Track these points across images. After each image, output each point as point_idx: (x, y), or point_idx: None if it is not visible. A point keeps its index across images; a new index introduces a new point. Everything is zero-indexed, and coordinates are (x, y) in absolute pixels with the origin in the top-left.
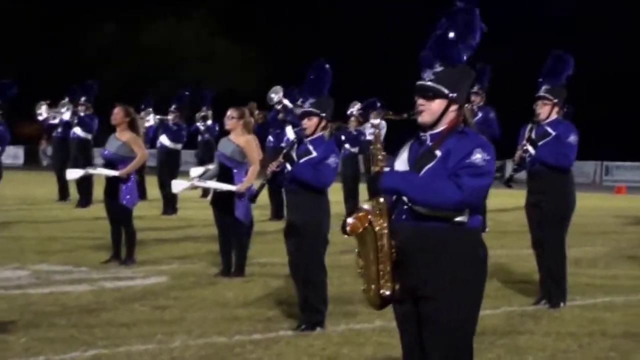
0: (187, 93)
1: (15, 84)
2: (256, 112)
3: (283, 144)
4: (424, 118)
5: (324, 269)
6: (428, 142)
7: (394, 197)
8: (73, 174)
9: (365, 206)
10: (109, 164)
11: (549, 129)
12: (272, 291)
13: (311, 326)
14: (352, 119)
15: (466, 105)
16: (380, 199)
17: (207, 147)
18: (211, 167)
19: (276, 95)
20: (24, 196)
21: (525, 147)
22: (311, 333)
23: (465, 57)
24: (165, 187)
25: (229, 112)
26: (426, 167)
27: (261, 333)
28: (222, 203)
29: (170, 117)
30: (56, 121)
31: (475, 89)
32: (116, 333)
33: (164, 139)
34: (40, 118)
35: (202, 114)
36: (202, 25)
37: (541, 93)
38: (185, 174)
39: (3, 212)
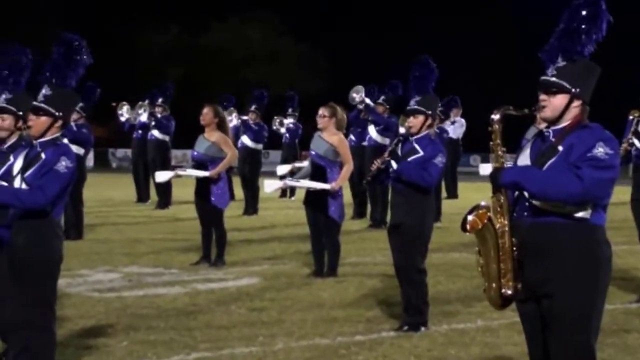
0: (265, 93)
1: (97, 87)
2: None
3: (365, 143)
4: (546, 114)
5: (425, 270)
6: (551, 137)
7: (516, 194)
8: (162, 176)
9: (485, 203)
10: (199, 164)
11: None
12: (368, 291)
13: (414, 327)
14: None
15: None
16: (500, 196)
17: (290, 147)
18: (298, 165)
19: (358, 94)
20: (103, 198)
21: (631, 141)
22: (414, 334)
23: (589, 51)
24: (247, 187)
25: (321, 111)
26: (549, 162)
27: (363, 334)
28: (315, 202)
29: (250, 117)
30: (135, 123)
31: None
32: (216, 335)
33: (245, 139)
34: (122, 119)
35: (278, 119)
36: (266, 25)
37: None
38: (267, 174)
39: (86, 215)
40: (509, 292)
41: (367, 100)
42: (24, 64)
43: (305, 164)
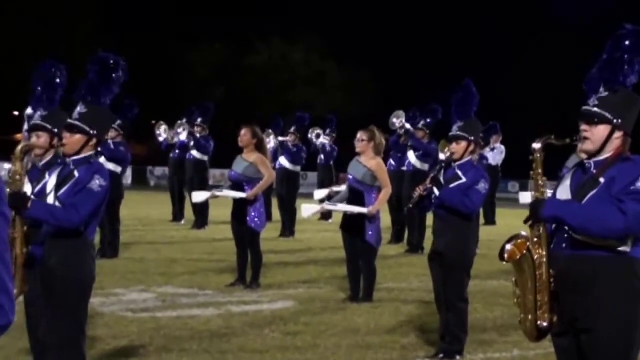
0: (306, 115)
1: (136, 105)
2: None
3: (404, 168)
4: (588, 145)
5: (467, 298)
6: (592, 169)
7: (554, 225)
8: (200, 196)
9: (524, 233)
10: (236, 185)
11: None
12: (403, 317)
13: (450, 354)
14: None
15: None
16: (539, 226)
17: (325, 169)
18: (336, 189)
19: (398, 119)
20: (140, 217)
21: None
22: None
23: (631, 82)
24: (284, 209)
25: (359, 135)
26: (589, 195)
27: None
28: (352, 227)
29: (289, 138)
30: (174, 142)
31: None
32: (250, 359)
33: (283, 161)
34: (160, 139)
35: (316, 131)
36: (311, 47)
37: None
38: (305, 196)
39: (123, 233)
40: (545, 324)
41: (407, 126)
42: (58, 80)
43: (343, 188)
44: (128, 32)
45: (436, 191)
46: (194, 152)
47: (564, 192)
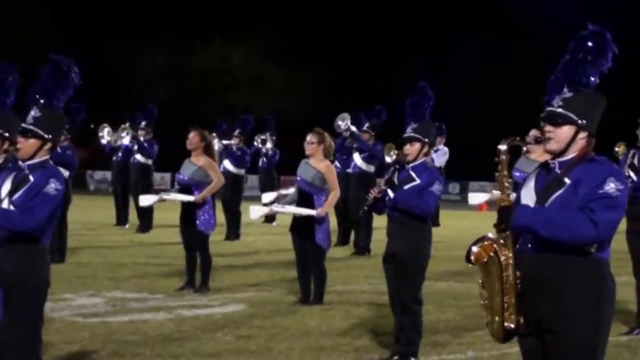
0: (250, 118)
1: (83, 109)
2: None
3: (350, 170)
4: (552, 145)
5: (421, 300)
6: (556, 169)
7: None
8: (147, 200)
9: (490, 235)
10: (184, 188)
11: None
12: (355, 320)
13: (405, 356)
14: None
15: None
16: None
17: (267, 173)
18: (284, 192)
19: (343, 122)
20: (83, 221)
21: (627, 174)
22: None
23: (594, 82)
24: (229, 212)
25: (309, 137)
26: (554, 195)
27: None
28: (302, 229)
29: (234, 142)
30: (117, 145)
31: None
32: None
33: (227, 164)
34: (103, 141)
35: (262, 137)
36: (251, 49)
37: None
38: (249, 199)
39: (68, 238)
40: (512, 325)
41: (353, 128)
42: (10, 83)
43: (291, 191)
44: (70, 34)
45: (390, 193)
46: (138, 156)
47: (528, 193)
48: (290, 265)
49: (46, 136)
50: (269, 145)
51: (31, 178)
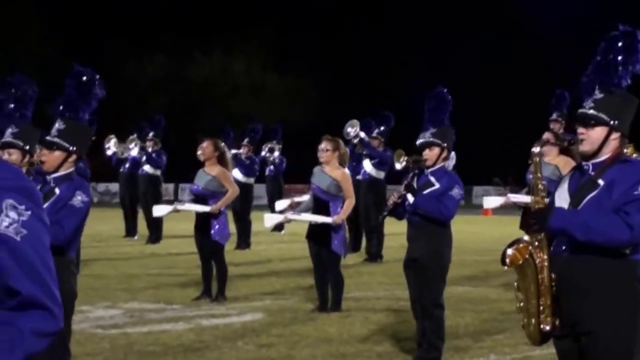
0: (259, 127)
1: (95, 121)
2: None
3: (359, 177)
4: (585, 147)
5: (443, 304)
6: (590, 171)
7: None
8: (161, 210)
9: (526, 237)
10: (199, 199)
11: None
12: (375, 326)
13: None
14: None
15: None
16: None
17: (274, 181)
18: (297, 199)
19: (353, 128)
20: (92, 233)
21: None
22: None
23: (626, 83)
24: (239, 221)
25: (324, 145)
26: (588, 197)
27: None
28: (318, 236)
29: (242, 151)
30: (124, 157)
31: (554, 115)
32: None
33: (236, 173)
34: (109, 153)
35: (269, 145)
36: (252, 58)
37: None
38: (257, 208)
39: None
40: (548, 327)
41: (362, 134)
42: (29, 96)
43: (305, 198)
44: (68, 44)
45: (410, 198)
46: (147, 167)
47: (562, 194)
48: (304, 273)
49: (71, 148)
50: (276, 153)
51: (57, 191)
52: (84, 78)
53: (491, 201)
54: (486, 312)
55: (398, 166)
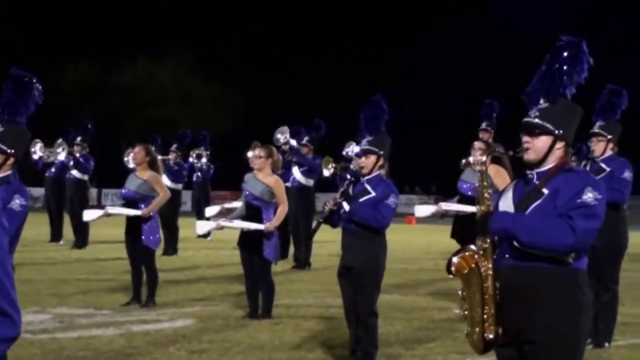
0: (188, 133)
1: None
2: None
3: (288, 184)
4: (530, 155)
5: (376, 312)
6: (535, 180)
7: (497, 236)
8: (91, 214)
9: (472, 246)
10: (129, 203)
11: (603, 165)
12: (306, 333)
13: None
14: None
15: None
16: (485, 238)
17: (202, 187)
18: (227, 205)
19: (282, 135)
20: None
21: None
22: None
23: (571, 92)
24: (166, 227)
25: (257, 151)
26: (533, 205)
27: None
28: (250, 243)
29: (171, 157)
30: (50, 161)
31: (484, 125)
32: None
33: (164, 179)
34: (35, 157)
35: (197, 152)
36: (177, 65)
37: (595, 129)
38: (185, 214)
39: None
40: (491, 336)
41: (292, 142)
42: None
43: (235, 204)
44: None
45: (345, 206)
46: (74, 172)
47: (506, 203)
48: (233, 280)
49: (9, 151)
50: (204, 160)
51: None
52: (22, 80)
53: (422, 210)
54: (417, 320)
55: (326, 173)
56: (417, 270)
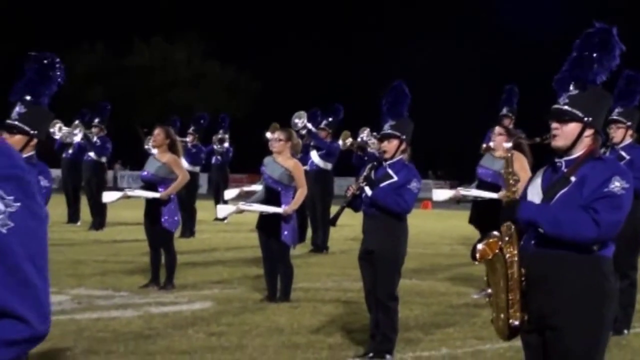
0: (205, 115)
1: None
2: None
3: (307, 168)
4: (558, 142)
5: (397, 296)
6: (563, 168)
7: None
8: (110, 196)
9: (495, 232)
10: (148, 185)
11: (623, 153)
12: (324, 317)
13: (380, 354)
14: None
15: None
16: (511, 225)
17: (221, 170)
18: (246, 189)
19: (300, 120)
20: None
21: None
22: None
23: (601, 80)
24: (184, 210)
25: (277, 134)
26: (560, 193)
27: None
28: (268, 227)
29: (188, 139)
30: (68, 142)
31: (504, 111)
32: None
33: (183, 162)
34: (56, 137)
35: (219, 136)
36: (192, 47)
37: (615, 116)
38: (202, 197)
39: None
40: (517, 322)
41: (309, 126)
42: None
43: (254, 187)
44: (4, 31)
45: (367, 190)
46: (91, 154)
47: (535, 190)
48: (250, 262)
49: (32, 132)
50: (226, 144)
51: None
52: (45, 62)
53: (440, 194)
54: (435, 305)
55: (341, 145)
56: (434, 255)
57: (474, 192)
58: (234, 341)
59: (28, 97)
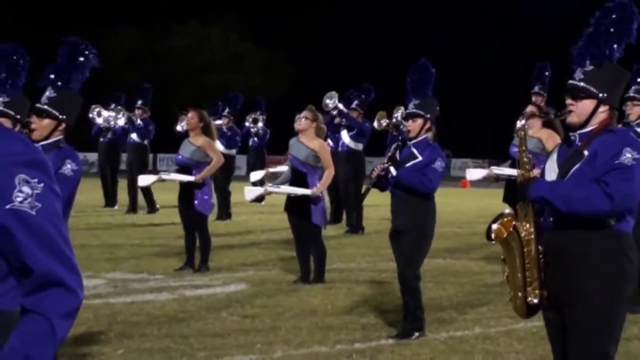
0: (240, 97)
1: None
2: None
3: (339, 149)
4: (573, 118)
5: (419, 274)
6: (577, 142)
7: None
8: (146, 180)
9: (508, 210)
10: (183, 169)
11: (639, 130)
12: (358, 298)
13: (409, 333)
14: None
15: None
16: (526, 203)
17: (258, 152)
18: (272, 170)
19: (331, 100)
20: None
21: None
22: (412, 341)
23: (617, 55)
24: (219, 192)
25: (303, 113)
26: (574, 167)
27: (362, 342)
28: (297, 209)
29: (223, 122)
30: (110, 126)
31: (536, 88)
32: (212, 343)
33: (218, 145)
34: (99, 122)
35: (253, 116)
36: (228, 29)
37: (631, 93)
38: (240, 179)
39: None
40: (535, 300)
41: (341, 106)
42: (21, 65)
43: (280, 169)
44: (40, 18)
45: (392, 171)
46: (134, 136)
47: (552, 166)
48: (286, 244)
49: (60, 117)
50: (260, 124)
51: None
52: (77, 47)
53: (474, 173)
54: (469, 284)
55: (376, 125)
56: (469, 235)
57: (507, 170)
58: (268, 323)
59: (58, 82)
